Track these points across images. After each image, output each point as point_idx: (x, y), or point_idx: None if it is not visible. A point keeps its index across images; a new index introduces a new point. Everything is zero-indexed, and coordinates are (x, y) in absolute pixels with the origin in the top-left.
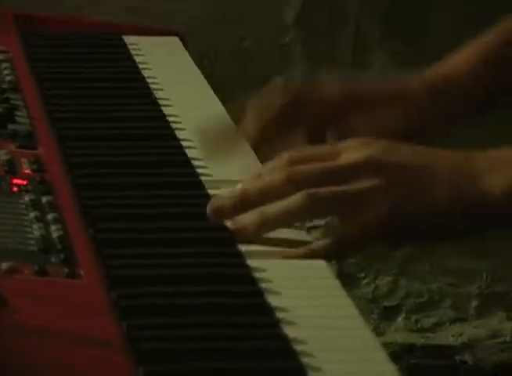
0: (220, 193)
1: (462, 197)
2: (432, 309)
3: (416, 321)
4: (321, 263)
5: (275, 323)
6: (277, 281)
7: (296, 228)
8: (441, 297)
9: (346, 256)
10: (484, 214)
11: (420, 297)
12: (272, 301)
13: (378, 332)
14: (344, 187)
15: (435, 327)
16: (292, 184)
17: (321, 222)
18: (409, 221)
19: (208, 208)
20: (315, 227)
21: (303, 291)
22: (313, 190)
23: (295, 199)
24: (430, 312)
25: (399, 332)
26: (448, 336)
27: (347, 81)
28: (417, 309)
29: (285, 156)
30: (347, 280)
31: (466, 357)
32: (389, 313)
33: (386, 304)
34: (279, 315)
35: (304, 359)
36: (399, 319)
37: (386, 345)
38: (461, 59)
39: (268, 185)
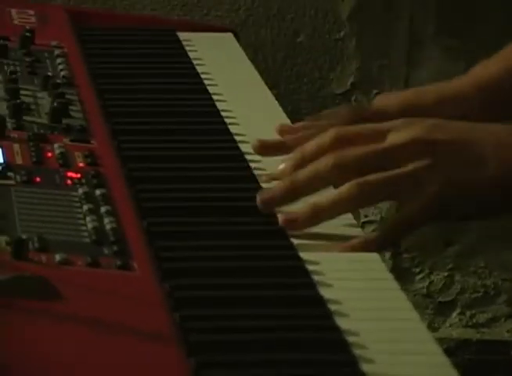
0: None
1: None
2: (487, 305)
3: (471, 316)
4: (374, 256)
5: (328, 315)
6: (330, 274)
7: (349, 225)
8: (497, 292)
9: (400, 239)
10: None
11: (475, 292)
12: (325, 293)
13: (433, 327)
14: (394, 171)
15: (490, 322)
16: (340, 170)
17: (375, 216)
18: (462, 197)
19: (258, 199)
20: (369, 222)
21: (355, 284)
22: (362, 179)
23: (345, 189)
24: (486, 308)
25: (454, 327)
26: (503, 331)
27: (403, 94)
28: (472, 304)
29: (331, 133)
30: (402, 275)
31: None
32: (444, 308)
33: (441, 299)
34: (332, 307)
35: (357, 351)
36: (454, 314)
37: (441, 340)
38: (502, 62)
39: (316, 172)
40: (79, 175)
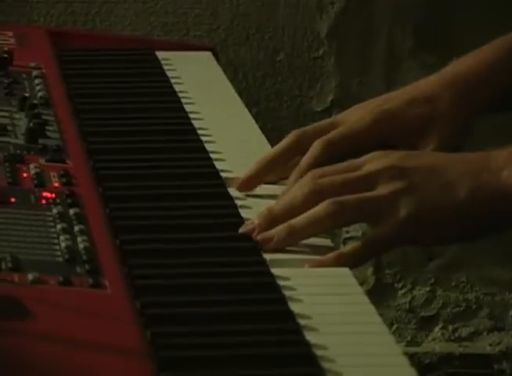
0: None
1: (484, 194)
2: (469, 319)
3: (454, 331)
4: (344, 271)
5: (297, 330)
6: (300, 289)
7: (320, 236)
8: (479, 306)
9: (373, 257)
10: (507, 208)
11: (457, 306)
12: (295, 308)
13: (416, 342)
14: (369, 193)
15: (473, 336)
16: (316, 195)
17: (357, 232)
18: (435, 220)
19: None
20: (351, 238)
21: (326, 298)
22: (337, 198)
23: (320, 207)
24: (468, 322)
25: (437, 342)
26: (486, 345)
27: (374, 101)
28: (454, 318)
29: (308, 173)
30: (385, 291)
31: (504, 366)
32: (426, 323)
33: (423, 314)
34: (302, 321)
35: (325, 364)
36: (436, 328)
37: (423, 354)
38: (487, 53)
39: (292, 199)
40: (53, 195)
